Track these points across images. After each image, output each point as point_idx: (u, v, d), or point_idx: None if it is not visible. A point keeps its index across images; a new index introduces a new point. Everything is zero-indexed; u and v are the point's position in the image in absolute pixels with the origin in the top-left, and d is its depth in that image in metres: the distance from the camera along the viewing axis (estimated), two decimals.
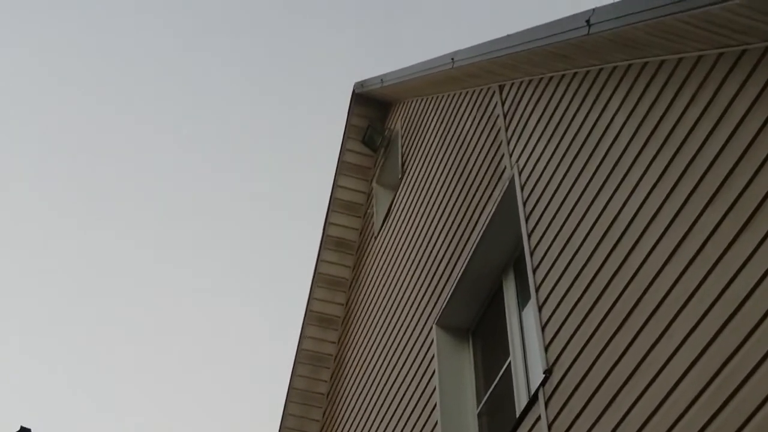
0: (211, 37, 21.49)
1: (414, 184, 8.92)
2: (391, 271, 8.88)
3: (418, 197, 8.64)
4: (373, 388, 8.37)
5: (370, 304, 9.30)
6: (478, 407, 6.72)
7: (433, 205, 8.13)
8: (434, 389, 6.84)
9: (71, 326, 20.98)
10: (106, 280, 21.23)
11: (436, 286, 7.43)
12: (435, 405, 6.75)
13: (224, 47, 21.53)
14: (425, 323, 7.43)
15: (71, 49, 20.40)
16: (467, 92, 8.06)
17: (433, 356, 7.05)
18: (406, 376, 7.56)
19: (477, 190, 7.10)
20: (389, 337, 8.32)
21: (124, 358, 21.28)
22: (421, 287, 7.81)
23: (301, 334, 10.23)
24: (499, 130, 7.04)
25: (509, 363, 6.32)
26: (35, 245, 20.79)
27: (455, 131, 8.09)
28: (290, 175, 21.56)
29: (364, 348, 9.03)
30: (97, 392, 21.31)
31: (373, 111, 10.85)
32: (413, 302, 7.90)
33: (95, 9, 20.19)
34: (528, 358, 6.13)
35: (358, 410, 8.67)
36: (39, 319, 21.20)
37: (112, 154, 20.80)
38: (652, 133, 4.85)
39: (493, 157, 7.00)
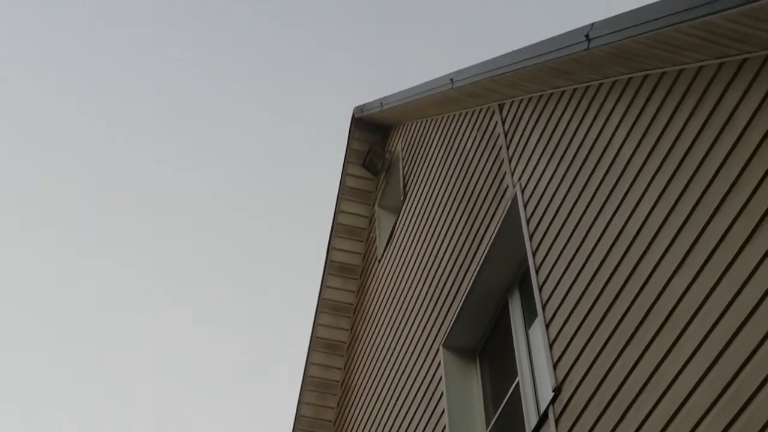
0: (211, 57, 21.56)
1: (416, 207, 8.89)
2: (395, 294, 8.84)
3: (421, 219, 8.62)
4: (381, 412, 8.31)
5: (375, 328, 9.25)
6: (487, 428, 6.66)
7: (435, 227, 8.10)
8: (443, 411, 6.79)
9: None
10: (102, 309, 21.23)
11: (441, 308, 7.39)
12: (444, 427, 6.69)
13: (221, 70, 21.59)
14: (432, 345, 7.38)
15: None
16: (467, 112, 8.05)
17: (440, 378, 7.00)
18: (414, 399, 7.51)
19: (480, 210, 7.07)
20: (396, 360, 8.27)
21: (119, 393, 21.21)
22: (426, 309, 7.77)
23: (306, 360, 10.18)
24: (500, 149, 7.02)
25: (517, 382, 6.27)
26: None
27: (456, 152, 8.07)
28: (291, 201, 21.58)
29: (371, 373, 8.97)
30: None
31: (373, 135, 10.85)
32: (419, 325, 7.86)
33: (93, 11, 20.31)
34: (536, 377, 6.08)
35: None
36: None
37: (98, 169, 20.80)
38: (654, 145, 4.83)
39: (495, 176, 6.98)
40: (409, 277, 8.53)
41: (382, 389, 8.46)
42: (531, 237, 6.06)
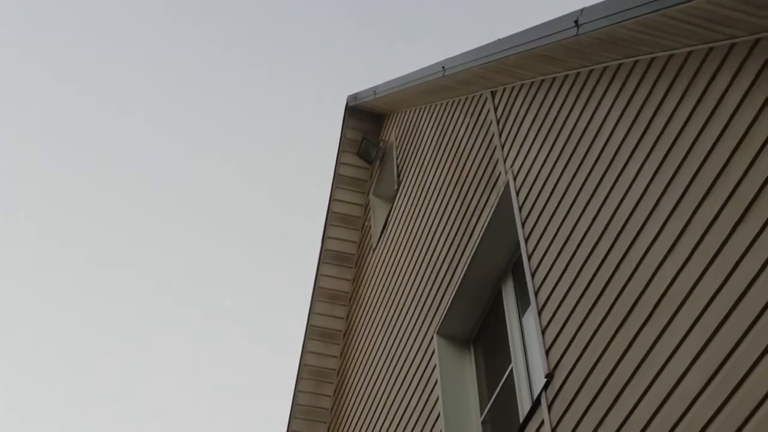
0: (205, 49, 21.52)
1: (410, 195, 8.90)
2: (390, 282, 8.85)
3: (415, 207, 8.63)
4: (377, 400, 8.33)
5: (370, 316, 9.26)
6: (481, 415, 6.68)
7: (429, 215, 8.11)
8: (437, 399, 6.81)
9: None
10: (107, 310, 21.24)
11: (435, 296, 7.40)
12: (438, 414, 6.71)
13: (218, 58, 21.56)
14: (426, 333, 7.40)
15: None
16: (460, 100, 8.05)
17: (435, 366, 7.01)
18: (408, 386, 7.52)
19: (473, 198, 7.08)
20: (390, 348, 8.28)
21: (122, 384, 21.24)
22: (420, 297, 7.78)
23: (302, 349, 10.19)
24: (492, 136, 7.03)
25: (511, 369, 6.28)
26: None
27: (449, 139, 8.08)
28: (285, 190, 21.58)
29: (366, 361, 8.99)
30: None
31: (367, 123, 10.84)
32: (413, 313, 7.87)
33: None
34: (530, 363, 6.10)
35: (362, 424, 8.62)
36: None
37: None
38: (645, 130, 4.84)
39: (487, 164, 6.99)
40: (403, 265, 8.54)
41: (377, 377, 8.48)
42: (523, 223, 6.07)
